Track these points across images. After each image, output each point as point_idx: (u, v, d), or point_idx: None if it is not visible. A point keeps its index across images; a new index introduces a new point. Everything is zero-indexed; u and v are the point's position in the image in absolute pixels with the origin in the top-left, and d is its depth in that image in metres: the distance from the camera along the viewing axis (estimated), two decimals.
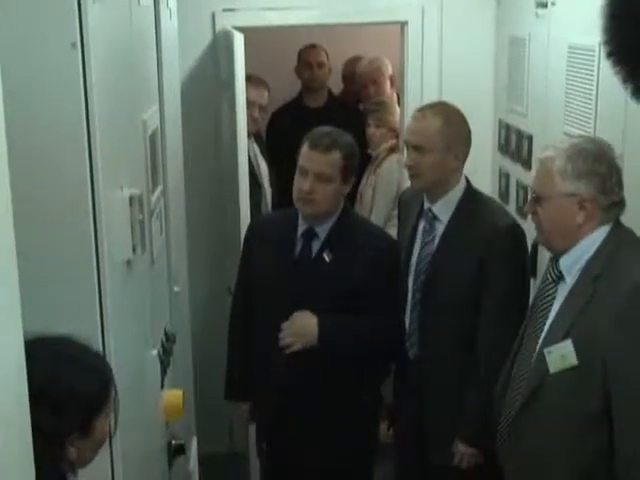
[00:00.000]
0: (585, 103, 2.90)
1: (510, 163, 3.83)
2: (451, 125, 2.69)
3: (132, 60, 2.14)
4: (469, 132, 2.76)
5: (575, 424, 2.08)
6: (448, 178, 2.73)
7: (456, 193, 2.74)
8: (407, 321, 2.80)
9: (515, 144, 3.73)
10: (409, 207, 2.93)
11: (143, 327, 2.20)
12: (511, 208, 3.81)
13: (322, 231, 2.76)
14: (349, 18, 4.08)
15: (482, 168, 4.11)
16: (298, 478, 2.93)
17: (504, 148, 3.92)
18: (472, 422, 2.66)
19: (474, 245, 2.64)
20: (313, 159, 2.69)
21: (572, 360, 2.06)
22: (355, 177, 2.82)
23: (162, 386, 2.41)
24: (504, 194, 3.92)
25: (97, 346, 1.69)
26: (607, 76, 2.73)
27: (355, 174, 2.81)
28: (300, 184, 2.71)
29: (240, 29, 3.68)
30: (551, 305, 2.21)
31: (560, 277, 2.19)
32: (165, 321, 2.63)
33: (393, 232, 3.93)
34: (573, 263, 2.15)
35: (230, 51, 3.56)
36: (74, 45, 1.58)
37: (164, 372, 2.44)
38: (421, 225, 2.79)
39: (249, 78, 3.83)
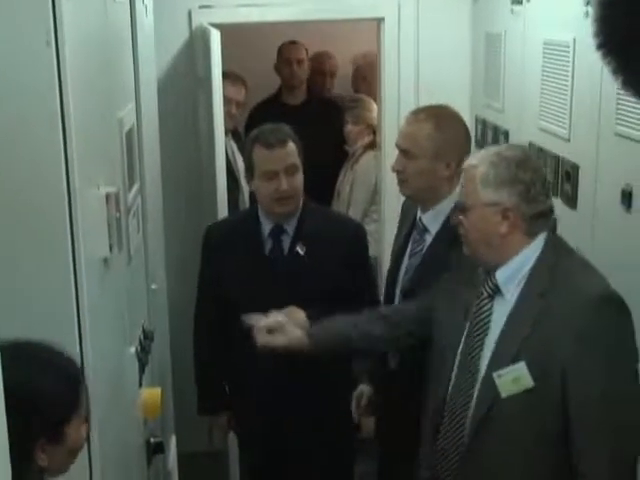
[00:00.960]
0: (560, 98, 2.92)
1: None
2: (443, 131, 2.50)
3: (108, 57, 2.13)
4: (465, 140, 2.57)
5: (532, 446, 2.00)
6: (437, 187, 2.53)
7: (447, 204, 2.50)
8: None
9: (492, 140, 3.75)
10: (406, 215, 2.78)
11: (121, 325, 2.19)
12: None
13: (290, 226, 2.76)
14: (326, 15, 4.08)
15: None
16: (280, 477, 2.94)
17: (480, 144, 3.94)
18: None
19: (458, 260, 2.42)
20: (278, 157, 2.67)
21: (527, 383, 1.96)
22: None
23: (140, 384, 2.40)
24: None
25: (74, 345, 1.68)
26: (582, 72, 2.76)
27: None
28: (274, 186, 2.67)
29: (217, 26, 3.67)
30: (489, 322, 2.08)
31: (496, 291, 2.08)
32: (143, 319, 2.62)
33: (371, 228, 3.94)
34: (511, 277, 2.05)
35: (207, 48, 3.56)
36: (48, 43, 1.56)
37: (142, 370, 2.43)
38: (413, 234, 2.65)
39: (227, 75, 3.83)
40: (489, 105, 3.81)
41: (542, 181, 2.06)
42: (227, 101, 3.87)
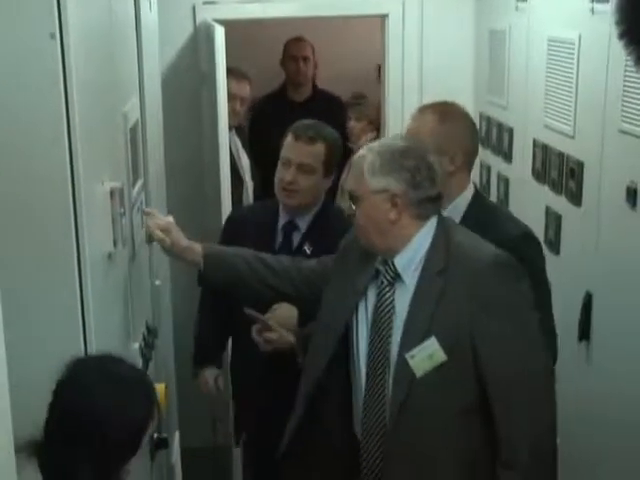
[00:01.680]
0: (565, 95, 2.91)
1: (491, 156, 3.84)
2: (446, 125, 2.44)
3: (112, 52, 2.12)
4: (471, 135, 2.50)
5: (452, 418, 2.06)
6: (445, 184, 2.41)
7: (463, 200, 2.45)
8: None
9: (496, 137, 3.75)
10: None
11: (124, 321, 2.19)
12: (492, 200, 3.82)
13: (303, 223, 2.78)
14: (330, 11, 4.08)
15: None
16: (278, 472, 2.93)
17: (485, 141, 3.93)
18: None
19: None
20: (296, 150, 2.70)
21: (440, 357, 2.02)
22: (336, 172, 2.82)
23: None
24: (485, 187, 3.94)
25: (78, 340, 1.68)
26: (587, 69, 2.76)
27: (336, 169, 2.81)
28: (282, 174, 2.72)
29: (221, 22, 3.67)
30: (393, 307, 2.12)
31: (396, 278, 2.13)
32: (146, 315, 2.62)
33: None
34: (409, 262, 2.11)
35: (211, 44, 3.55)
36: (53, 36, 1.56)
37: (146, 366, 2.43)
38: None
39: (231, 71, 3.82)
40: (493, 102, 3.81)
41: (427, 168, 2.11)
42: (231, 97, 3.87)
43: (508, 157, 3.59)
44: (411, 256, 2.11)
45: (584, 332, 2.76)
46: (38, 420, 1.52)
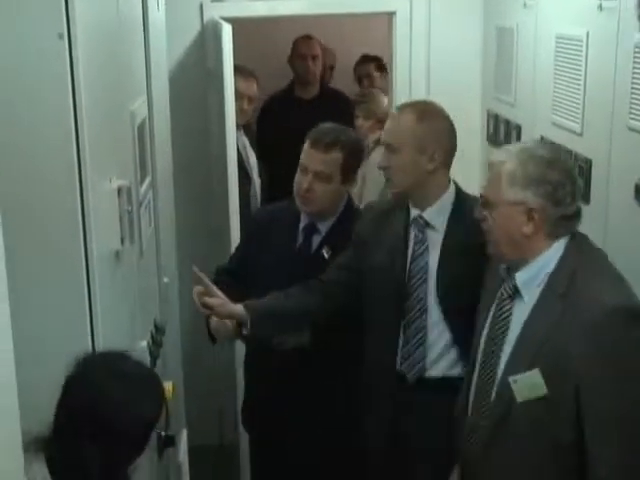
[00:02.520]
0: (573, 93, 2.90)
1: None
2: (425, 123, 2.42)
3: (120, 51, 2.13)
4: (450, 133, 2.48)
5: (545, 452, 1.99)
6: (424, 182, 2.44)
7: (447, 198, 2.47)
8: (400, 339, 2.50)
9: (504, 134, 3.74)
10: (384, 220, 2.58)
11: (132, 318, 2.20)
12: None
13: (324, 227, 2.75)
14: (337, 9, 4.07)
15: (471, 158, 4.11)
16: (287, 472, 2.94)
17: (493, 138, 3.93)
18: None
19: (480, 248, 2.29)
20: (313, 157, 2.67)
21: (541, 390, 1.95)
22: (356, 176, 2.79)
23: None
24: None
25: (86, 338, 1.69)
26: (595, 66, 2.75)
27: (356, 174, 2.77)
28: (300, 181, 2.70)
29: (228, 19, 3.67)
30: (509, 323, 2.06)
31: (516, 293, 2.05)
32: (154, 312, 2.62)
33: None
34: (530, 279, 2.02)
35: (218, 42, 3.55)
36: (61, 36, 1.57)
37: (153, 364, 2.44)
38: (411, 234, 2.50)
39: (238, 70, 3.82)
40: (501, 99, 3.80)
41: (571, 183, 1.99)
42: (239, 96, 3.87)
43: None
44: (533, 274, 2.02)
45: None
46: (46, 417, 1.53)
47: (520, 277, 2.04)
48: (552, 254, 2.00)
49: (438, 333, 2.47)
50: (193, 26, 3.97)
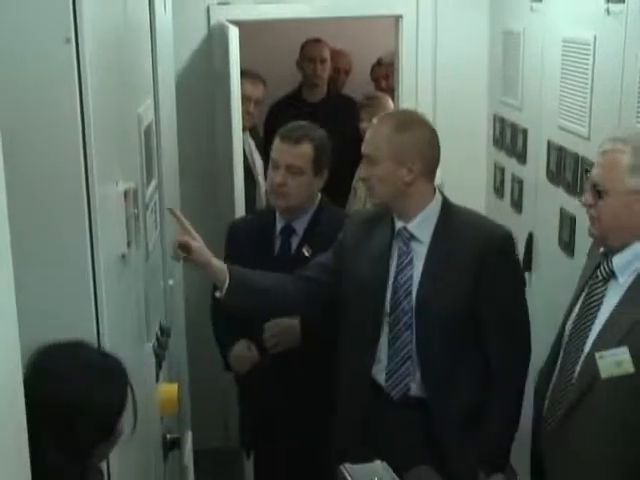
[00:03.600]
0: (580, 96, 2.90)
1: (505, 157, 3.83)
2: (403, 133, 2.36)
3: (127, 54, 2.13)
4: (430, 143, 2.41)
5: (627, 430, 2.01)
6: (404, 193, 2.38)
7: (432, 211, 2.42)
8: (382, 356, 2.45)
9: (510, 138, 3.74)
10: (369, 230, 2.54)
11: (138, 321, 2.20)
12: (506, 202, 3.81)
13: (299, 226, 2.79)
14: (344, 12, 4.08)
15: (476, 162, 4.11)
16: (287, 475, 2.94)
17: (499, 142, 3.92)
18: (501, 454, 2.46)
19: (467, 259, 2.37)
20: (284, 151, 2.72)
21: (628, 367, 1.98)
22: (328, 172, 2.80)
23: (157, 380, 2.41)
24: (499, 188, 3.93)
25: (92, 340, 1.69)
26: (602, 70, 2.74)
27: (328, 168, 2.79)
28: (272, 177, 2.74)
29: (235, 22, 3.67)
30: (600, 304, 2.11)
31: (611, 276, 2.11)
32: (160, 315, 2.62)
33: None
34: (628, 263, 2.07)
35: (225, 45, 3.56)
36: (68, 40, 1.57)
37: (159, 366, 2.44)
38: (395, 247, 2.45)
39: (245, 73, 3.83)
40: (508, 103, 3.80)
41: None
42: (245, 99, 3.88)
43: (522, 158, 3.58)
44: (632, 258, 2.07)
45: None
46: None
47: (617, 261, 2.09)
48: None
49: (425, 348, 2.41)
50: (200, 29, 3.98)
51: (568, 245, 3.02)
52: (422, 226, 2.42)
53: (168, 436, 2.60)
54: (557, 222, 3.12)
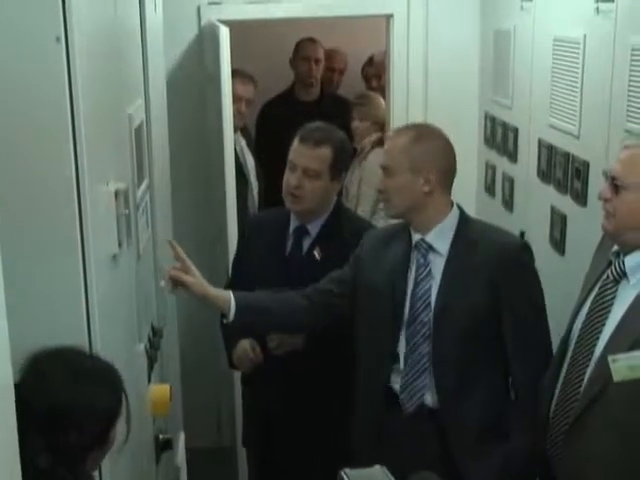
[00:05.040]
0: (570, 95, 2.91)
1: (496, 156, 3.84)
2: (418, 145, 2.40)
3: (117, 53, 2.13)
4: (446, 154, 2.44)
5: (634, 435, 1.98)
6: (420, 205, 2.41)
7: (449, 223, 2.44)
8: (398, 368, 2.45)
9: (501, 137, 3.74)
10: (385, 244, 2.55)
11: (130, 322, 2.20)
12: (497, 201, 3.82)
13: (313, 228, 2.75)
14: (334, 11, 4.08)
15: (467, 161, 4.11)
16: (286, 474, 2.94)
17: (490, 141, 3.93)
18: (525, 468, 2.40)
19: (484, 271, 2.37)
20: (302, 153, 2.68)
21: None
22: (345, 175, 2.79)
23: (149, 381, 2.41)
24: (490, 187, 3.93)
25: (84, 341, 1.69)
26: (592, 68, 2.75)
27: (345, 172, 2.77)
28: (288, 179, 2.70)
29: (225, 22, 3.67)
30: (611, 306, 2.07)
31: (622, 277, 2.07)
32: (152, 315, 2.62)
33: (380, 225, 3.94)
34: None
35: (216, 44, 3.55)
36: (58, 39, 1.57)
37: (151, 367, 2.44)
38: (413, 259, 2.46)
39: (236, 73, 3.82)
40: (498, 102, 3.80)
41: None
42: (237, 99, 3.87)
43: (513, 157, 3.59)
44: None
45: None
46: None
47: (630, 261, 2.06)
48: None
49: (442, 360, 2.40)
50: (190, 29, 3.98)
51: (559, 244, 3.03)
52: (440, 238, 2.43)
53: (160, 437, 2.59)
54: (548, 220, 3.13)
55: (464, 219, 2.47)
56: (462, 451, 2.42)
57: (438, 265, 2.42)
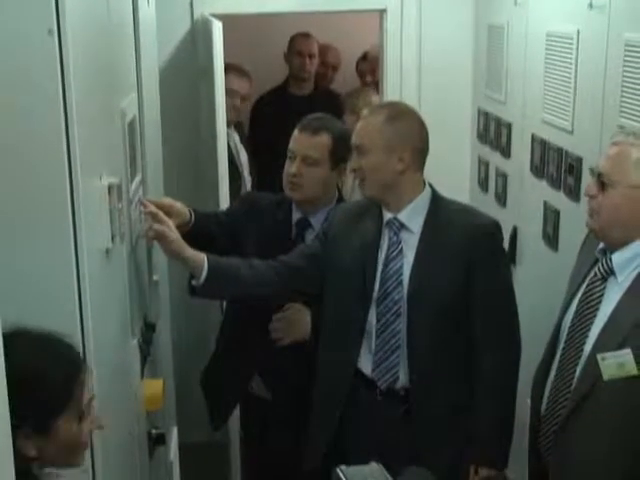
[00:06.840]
0: (564, 91, 2.91)
1: (489, 151, 3.84)
2: (394, 124, 2.40)
3: (110, 47, 2.12)
4: (419, 133, 2.44)
5: (624, 432, 2.00)
6: (394, 183, 2.41)
7: (422, 200, 2.45)
8: (372, 347, 2.45)
9: (494, 132, 3.75)
10: (355, 222, 2.54)
11: (122, 316, 2.19)
12: (490, 196, 3.83)
13: (316, 222, 2.75)
14: (328, 6, 4.07)
15: (461, 156, 4.12)
16: (279, 469, 2.94)
17: (483, 136, 3.93)
18: (492, 453, 2.45)
19: (457, 248, 2.40)
20: (301, 141, 2.69)
21: (631, 370, 1.95)
22: (345, 166, 2.79)
23: (142, 375, 2.40)
24: (483, 182, 3.94)
25: (76, 335, 1.68)
26: (585, 64, 2.75)
27: (346, 164, 2.77)
28: (288, 167, 2.71)
29: (218, 16, 3.66)
30: (599, 303, 2.08)
31: (610, 274, 2.07)
32: (145, 310, 2.61)
33: None
34: (628, 261, 2.04)
35: (209, 39, 3.54)
36: (51, 32, 1.56)
37: (144, 361, 2.43)
38: (384, 237, 2.46)
39: (231, 67, 3.82)
40: (492, 97, 3.80)
41: None
42: (232, 94, 3.87)
43: (506, 152, 3.59)
44: (632, 256, 2.04)
45: None
46: None
47: (617, 258, 2.06)
48: None
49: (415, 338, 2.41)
50: (183, 23, 3.97)
51: (552, 239, 3.04)
52: (412, 216, 2.44)
53: (153, 432, 2.59)
54: (541, 216, 3.13)
55: (436, 198, 2.49)
56: (430, 430, 2.44)
57: (410, 243, 2.44)
